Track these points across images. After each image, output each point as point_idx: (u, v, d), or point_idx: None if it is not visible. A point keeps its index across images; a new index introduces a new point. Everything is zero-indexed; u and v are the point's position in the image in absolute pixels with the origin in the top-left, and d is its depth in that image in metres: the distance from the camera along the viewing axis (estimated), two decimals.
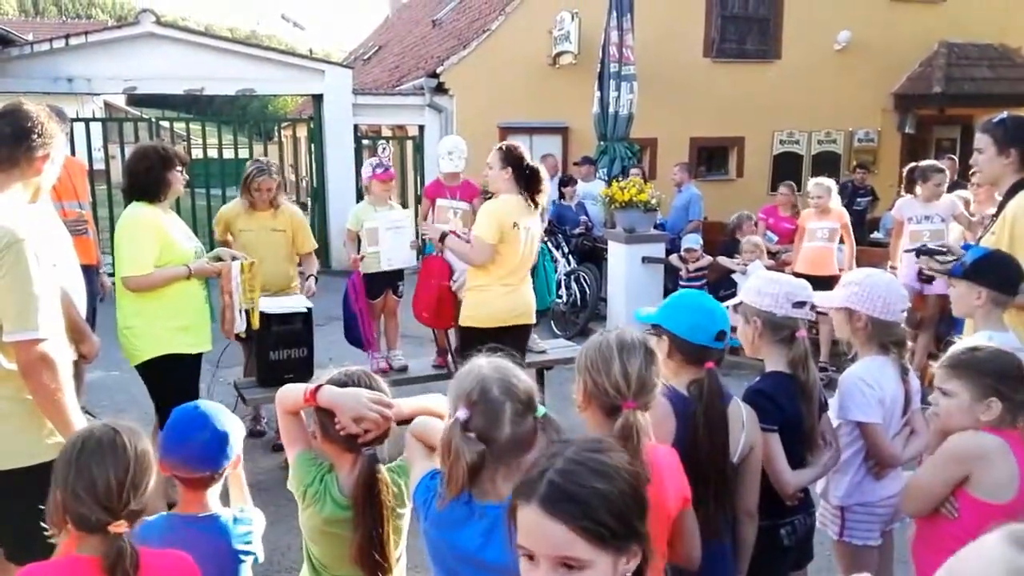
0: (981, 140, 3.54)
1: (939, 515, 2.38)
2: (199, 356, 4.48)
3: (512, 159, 4.77)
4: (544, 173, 4.87)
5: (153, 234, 4.22)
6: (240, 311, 4.64)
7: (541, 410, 1.89)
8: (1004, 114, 3.53)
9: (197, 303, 4.46)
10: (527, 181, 4.76)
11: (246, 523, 2.32)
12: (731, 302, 2.85)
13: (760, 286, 2.71)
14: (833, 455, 2.76)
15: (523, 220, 4.77)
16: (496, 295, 4.84)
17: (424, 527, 1.97)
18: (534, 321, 5.17)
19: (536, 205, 4.82)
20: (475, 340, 4.70)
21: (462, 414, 1.85)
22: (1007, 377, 2.30)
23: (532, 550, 1.35)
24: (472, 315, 4.91)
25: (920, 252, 4.51)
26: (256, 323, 4.81)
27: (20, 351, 2.53)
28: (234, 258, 4.63)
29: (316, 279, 5.73)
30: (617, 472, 1.39)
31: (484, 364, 1.97)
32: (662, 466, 2.07)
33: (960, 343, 2.64)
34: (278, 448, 5.21)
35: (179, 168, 4.42)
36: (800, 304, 2.67)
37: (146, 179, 4.31)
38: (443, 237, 5.01)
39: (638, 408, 2.02)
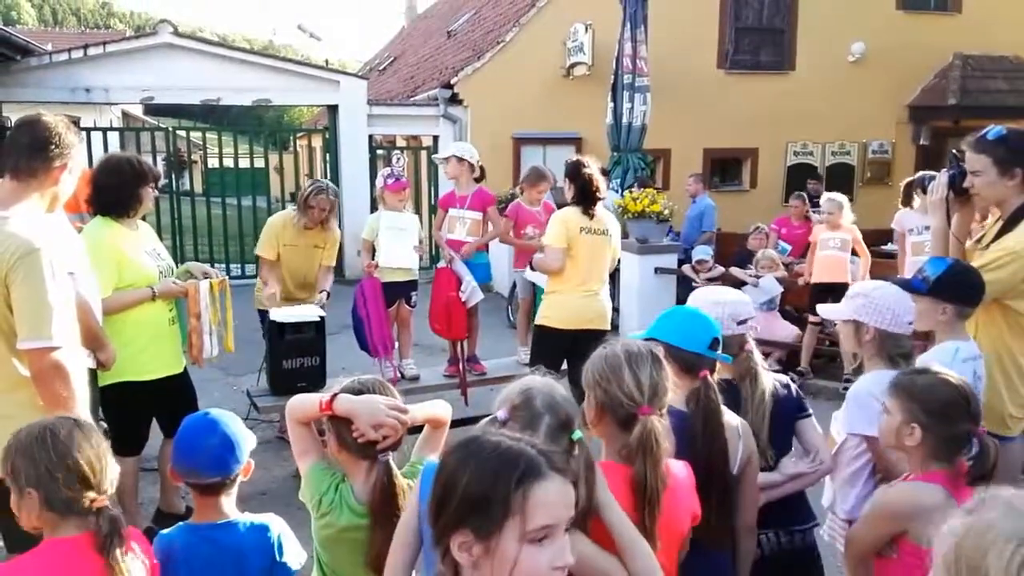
0: (978, 161, 3.08)
1: (882, 554, 2.38)
2: (164, 381, 4.17)
3: (572, 174, 5.22)
4: (602, 187, 5.21)
5: (111, 255, 3.92)
6: (211, 334, 4.33)
7: (577, 434, 1.91)
8: (1000, 129, 3.10)
9: (157, 324, 4.14)
10: (581, 195, 5.13)
11: (265, 530, 2.33)
12: None
13: (704, 308, 2.68)
14: (808, 467, 2.71)
15: (588, 226, 5.11)
16: (572, 299, 5.14)
17: (422, 511, 1.97)
18: (608, 327, 5.31)
19: (591, 216, 5.14)
20: (549, 340, 5.16)
21: (501, 414, 1.89)
22: (934, 410, 2.25)
23: (556, 522, 1.42)
24: (548, 315, 5.22)
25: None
26: (230, 346, 4.55)
27: (33, 359, 2.57)
28: (205, 275, 4.41)
29: (328, 294, 5.80)
30: None
31: (536, 378, 2.02)
32: (677, 482, 2.08)
33: (919, 359, 2.65)
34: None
35: (152, 184, 4.16)
36: (743, 322, 2.70)
37: (117, 194, 4.04)
38: (530, 263, 5.50)
39: (654, 414, 2.02)
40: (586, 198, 5.14)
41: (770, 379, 2.72)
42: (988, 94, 14.61)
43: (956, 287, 2.88)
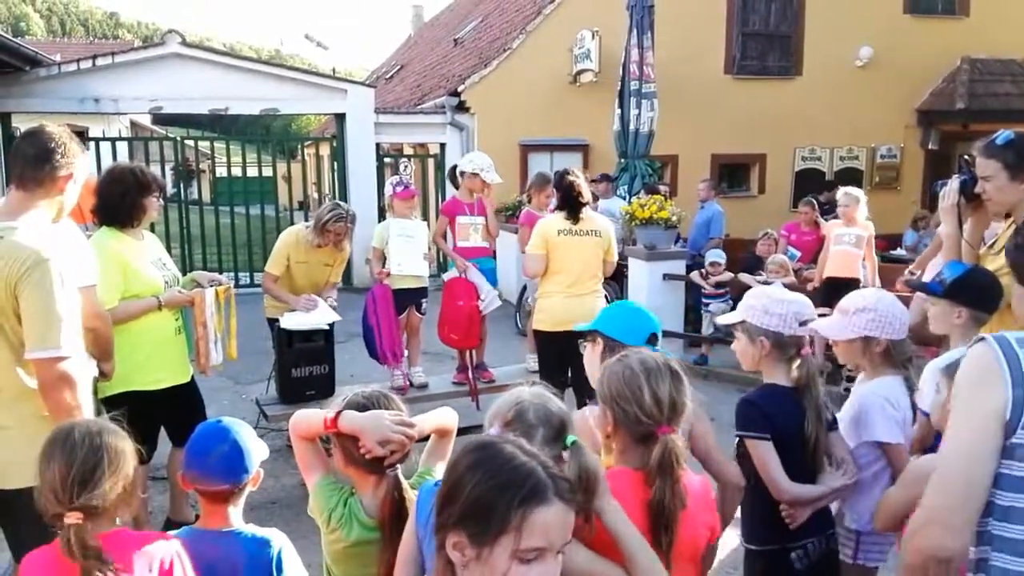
0: (988, 166, 3.05)
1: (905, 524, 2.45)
2: (171, 390, 4.18)
3: (556, 182, 5.66)
4: (585, 192, 5.41)
5: (116, 265, 3.91)
6: (216, 342, 4.35)
7: (571, 438, 1.90)
8: (1009, 133, 3.05)
9: (164, 334, 4.15)
10: (564, 202, 5.41)
11: (266, 544, 2.31)
12: (729, 318, 2.86)
13: (767, 306, 2.68)
14: (846, 479, 2.70)
15: (569, 228, 5.34)
16: (559, 300, 5.34)
17: (420, 531, 1.96)
18: None
19: (576, 221, 5.35)
20: (544, 343, 5.49)
21: (494, 431, 1.88)
22: None
23: (549, 546, 1.43)
24: (539, 319, 5.50)
25: None
26: (233, 354, 4.55)
27: (41, 368, 2.58)
28: (212, 282, 4.44)
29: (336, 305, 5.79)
30: None
31: (526, 391, 2.01)
32: (694, 497, 2.07)
33: (930, 364, 2.66)
34: None
35: (155, 194, 4.16)
36: (805, 322, 2.68)
37: (120, 204, 4.03)
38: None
39: (673, 432, 2.01)
40: (569, 204, 5.36)
41: (823, 386, 2.69)
42: (996, 97, 14.55)
43: (972, 291, 2.85)
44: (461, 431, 2.44)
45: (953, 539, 1.70)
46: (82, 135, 12.99)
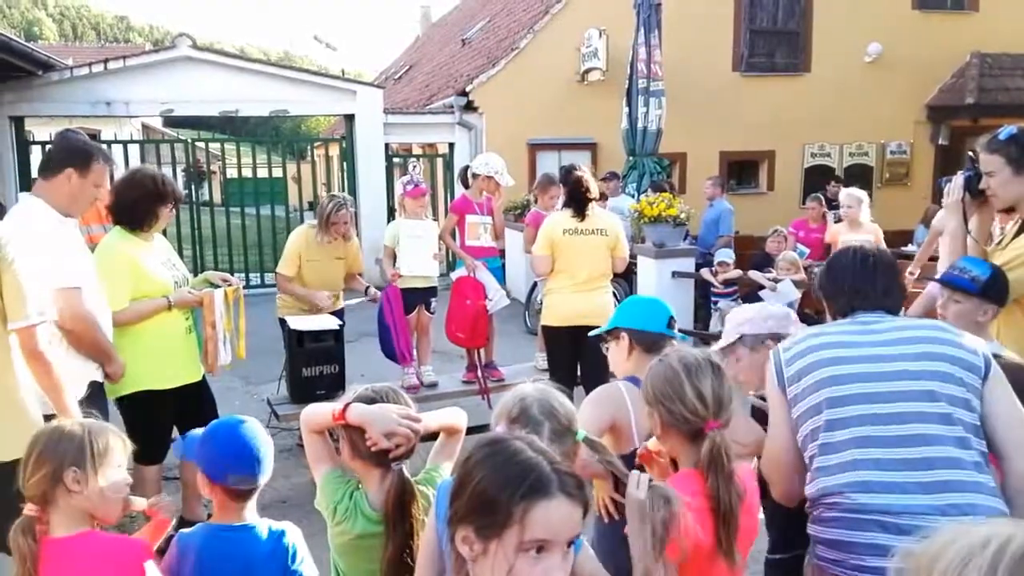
0: (991, 161, 3.09)
1: None
2: (183, 389, 4.25)
3: (563, 178, 5.75)
4: (592, 187, 5.43)
5: (126, 266, 3.97)
6: (224, 342, 4.39)
7: (581, 434, 1.92)
8: (1012, 128, 3.11)
9: (175, 334, 4.20)
10: (571, 197, 5.42)
11: (281, 536, 2.34)
12: (716, 346, 2.92)
13: (737, 319, 2.87)
14: None
15: (574, 227, 5.36)
16: (565, 297, 5.39)
17: (439, 527, 1.98)
18: None
19: (582, 218, 5.35)
20: (552, 339, 5.53)
21: (500, 429, 1.90)
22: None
23: (553, 539, 1.45)
24: (546, 315, 5.58)
25: None
26: (242, 354, 4.59)
27: (23, 338, 2.80)
28: (224, 280, 4.52)
29: (368, 287, 5.96)
30: None
31: (529, 387, 2.04)
32: (748, 487, 2.09)
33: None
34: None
35: (170, 205, 4.20)
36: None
37: (132, 208, 4.08)
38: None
39: (721, 427, 2.02)
40: (576, 200, 5.37)
41: None
42: (1007, 92, 14.47)
43: (1002, 289, 2.86)
44: (472, 430, 2.46)
45: (783, 488, 2.34)
46: (94, 138, 13.09)
